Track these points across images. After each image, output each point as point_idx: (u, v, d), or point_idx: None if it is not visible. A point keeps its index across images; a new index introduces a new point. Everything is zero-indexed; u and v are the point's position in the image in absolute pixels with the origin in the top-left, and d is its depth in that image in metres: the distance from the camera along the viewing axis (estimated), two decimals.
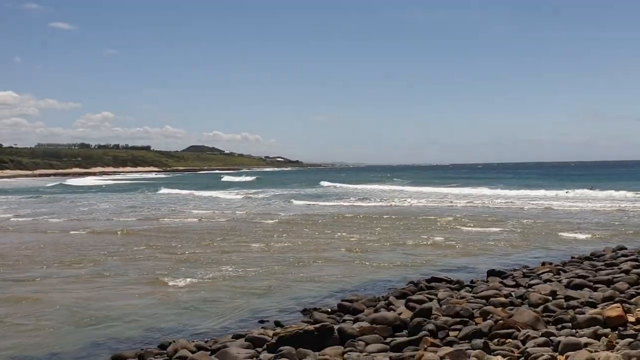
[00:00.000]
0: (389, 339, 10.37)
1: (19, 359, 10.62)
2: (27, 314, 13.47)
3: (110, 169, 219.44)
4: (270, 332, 10.95)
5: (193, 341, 10.87)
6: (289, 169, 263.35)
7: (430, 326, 10.48)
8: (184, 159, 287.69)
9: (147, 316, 13.37)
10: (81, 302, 14.56)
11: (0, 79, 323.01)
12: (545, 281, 14.71)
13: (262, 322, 12.72)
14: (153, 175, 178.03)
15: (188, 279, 17.06)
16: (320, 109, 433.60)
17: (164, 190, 71.92)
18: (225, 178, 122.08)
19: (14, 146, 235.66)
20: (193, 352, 9.93)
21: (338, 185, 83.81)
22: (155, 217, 36.55)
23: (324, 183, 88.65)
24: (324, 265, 19.46)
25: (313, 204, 47.19)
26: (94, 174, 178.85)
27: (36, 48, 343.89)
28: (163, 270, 18.64)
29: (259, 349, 10.19)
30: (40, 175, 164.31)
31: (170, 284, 16.61)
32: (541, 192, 55.12)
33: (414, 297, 12.98)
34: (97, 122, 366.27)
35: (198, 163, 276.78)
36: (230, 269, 18.61)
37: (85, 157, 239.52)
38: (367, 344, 10.09)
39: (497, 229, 27.96)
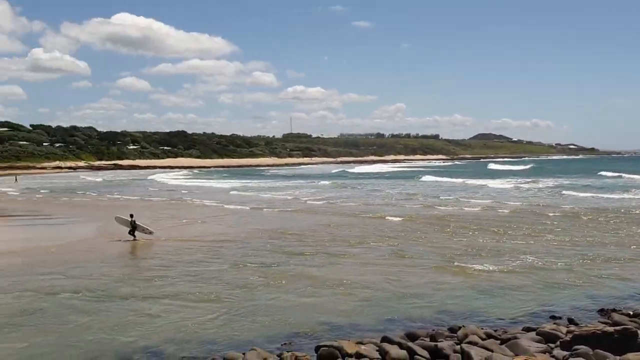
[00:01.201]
0: None
1: (328, 325, 12.00)
2: (327, 288, 15.12)
3: (402, 156, 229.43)
4: (564, 329, 10.48)
5: (482, 328, 11.01)
6: (579, 157, 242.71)
7: None
8: (471, 147, 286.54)
9: (439, 298, 13.95)
10: (380, 280, 15.78)
11: (311, 77, 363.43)
12: None
13: (553, 317, 12.25)
14: (438, 163, 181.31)
15: (480, 266, 17.29)
16: (621, 92, 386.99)
17: (428, 178, 72.36)
18: (492, 166, 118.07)
19: (320, 136, 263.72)
20: (483, 339, 10.05)
21: (625, 176, 70.45)
22: (434, 205, 37.14)
23: (605, 173, 77.62)
24: (628, 263, 17.69)
25: (595, 196, 41.98)
26: (386, 161, 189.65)
27: (341, 46, 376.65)
28: (456, 255, 19.18)
29: (551, 345, 9.85)
30: (342, 162, 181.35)
31: (463, 269, 17.01)
32: None
33: None
34: (391, 113, 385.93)
35: (484, 151, 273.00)
36: (523, 260, 18.22)
37: (380, 145, 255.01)
38: None
39: None
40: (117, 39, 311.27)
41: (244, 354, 9.76)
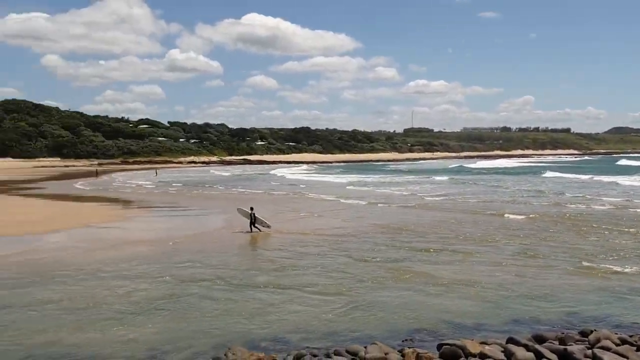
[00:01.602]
0: None
1: (451, 323, 11.92)
2: (452, 285, 14.92)
3: (529, 151, 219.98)
4: None
5: (617, 333, 10.39)
6: None
7: None
8: (605, 142, 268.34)
9: (570, 300, 13.36)
10: (507, 280, 15.36)
11: (434, 70, 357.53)
12: None
13: None
14: (568, 158, 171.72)
15: (616, 267, 16.35)
16: None
17: (552, 174, 68.62)
18: (623, 162, 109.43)
19: (443, 130, 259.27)
20: (617, 345, 9.51)
21: None
22: (561, 202, 35.13)
23: None
24: None
25: None
26: (512, 156, 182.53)
27: (465, 38, 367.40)
28: (589, 255, 18.24)
29: None
30: (465, 157, 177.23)
31: (597, 270, 16.15)
32: None
33: None
34: (519, 106, 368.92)
35: (620, 146, 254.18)
36: None
37: (506, 140, 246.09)
38: None
39: None
40: (247, 38, 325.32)
41: (365, 347, 9.94)
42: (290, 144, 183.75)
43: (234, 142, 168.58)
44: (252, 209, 24.92)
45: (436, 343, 10.25)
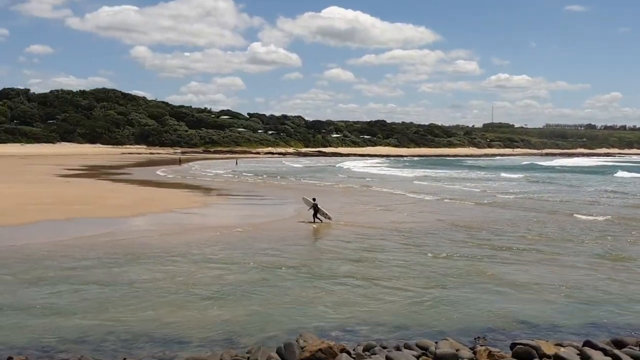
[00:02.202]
0: None
1: (526, 324, 11.71)
2: (531, 285, 14.62)
3: (615, 150, 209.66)
4: None
5: None
6: None
7: None
8: None
9: None
10: (588, 282, 14.90)
11: (516, 64, 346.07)
12: None
13: None
14: None
15: None
16: None
17: (624, 174, 65.50)
18: None
19: (524, 126, 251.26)
20: None
21: None
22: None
23: None
24: None
25: None
26: (595, 155, 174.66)
27: (550, 32, 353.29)
28: None
29: None
30: (547, 154, 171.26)
31: None
32: None
33: None
34: (605, 102, 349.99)
35: None
36: None
37: (590, 137, 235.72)
38: None
39: None
40: (326, 31, 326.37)
41: (436, 342, 9.97)
42: (365, 136, 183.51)
43: (309, 134, 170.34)
44: (314, 199, 25.39)
45: (509, 342, 10.14)
